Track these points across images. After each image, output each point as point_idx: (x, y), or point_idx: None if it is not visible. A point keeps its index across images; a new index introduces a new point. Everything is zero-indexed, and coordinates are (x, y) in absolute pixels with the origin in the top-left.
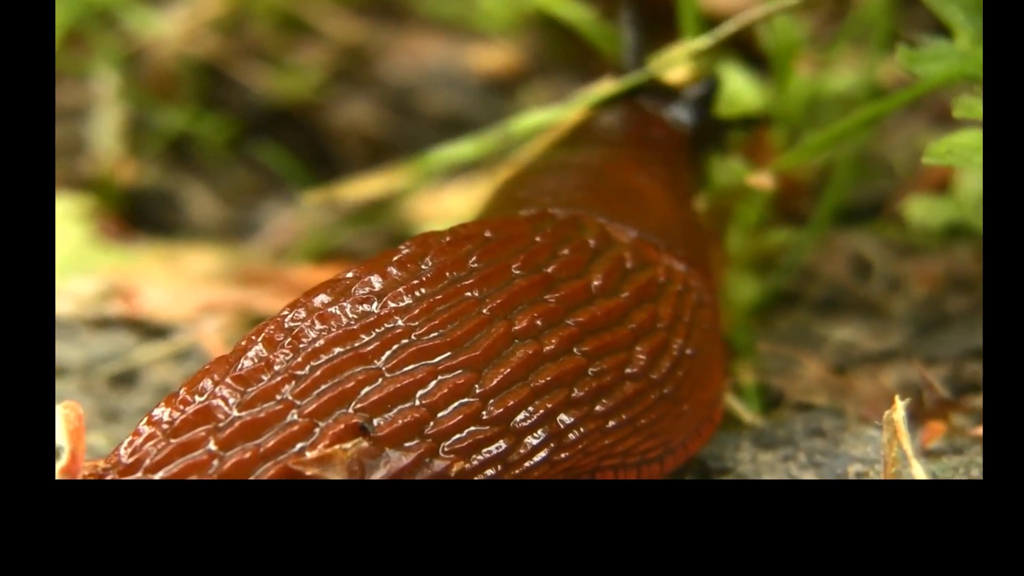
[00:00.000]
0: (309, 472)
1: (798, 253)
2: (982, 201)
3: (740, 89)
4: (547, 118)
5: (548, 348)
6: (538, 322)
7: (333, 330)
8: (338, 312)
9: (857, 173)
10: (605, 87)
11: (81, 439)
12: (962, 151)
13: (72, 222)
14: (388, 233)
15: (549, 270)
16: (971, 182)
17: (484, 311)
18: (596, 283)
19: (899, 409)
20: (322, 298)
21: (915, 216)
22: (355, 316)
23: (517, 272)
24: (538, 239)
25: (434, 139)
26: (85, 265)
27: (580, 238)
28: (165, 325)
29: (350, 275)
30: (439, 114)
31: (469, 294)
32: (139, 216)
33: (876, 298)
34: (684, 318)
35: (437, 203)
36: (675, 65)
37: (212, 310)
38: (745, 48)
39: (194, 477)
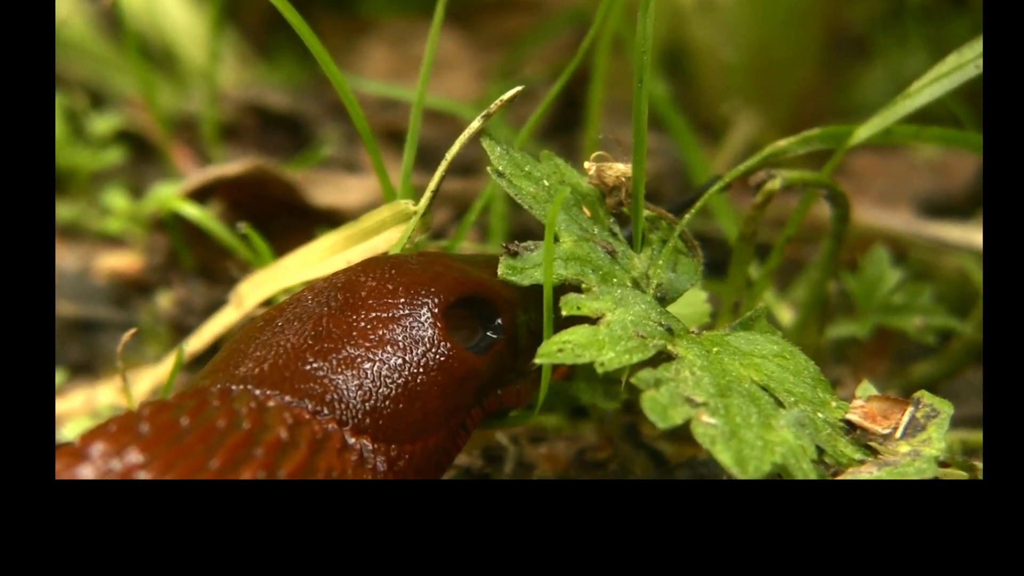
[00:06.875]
0: None
1: None
2: None
3: None
4: None
5: None
6: (256, 474)
7: None
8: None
9: None
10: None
11: None
12: (574, 348)
13: None
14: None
15: (246, 426)
16: (587, 375)
17: (210, 466)
18: (283, 436)
19: None
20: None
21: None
22: (99, 475)
23: (224, 429)
24: (216, 403)
25: (67, 343)
26: None
27: (246, 404)
28: None
29: (77, 442)
30: (71, 318)
31: (195, 450)
32: None
33: None
34: (348, 472)
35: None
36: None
37: None
38: None
39: None
